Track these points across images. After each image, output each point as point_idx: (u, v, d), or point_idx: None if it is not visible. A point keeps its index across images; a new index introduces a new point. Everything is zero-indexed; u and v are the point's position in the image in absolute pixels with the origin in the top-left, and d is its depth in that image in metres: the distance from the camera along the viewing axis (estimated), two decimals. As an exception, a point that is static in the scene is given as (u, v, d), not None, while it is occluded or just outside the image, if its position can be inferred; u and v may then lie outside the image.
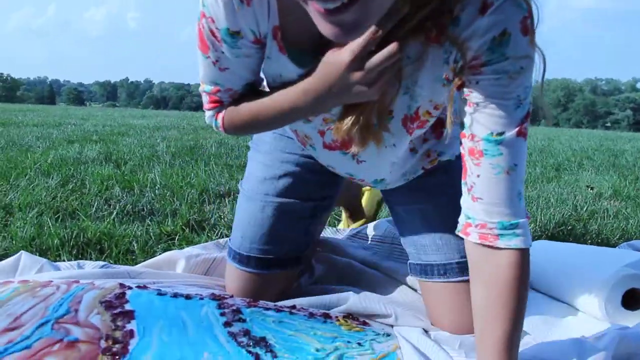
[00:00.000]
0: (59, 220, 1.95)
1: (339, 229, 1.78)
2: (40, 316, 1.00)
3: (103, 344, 0.91)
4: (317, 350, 0.96)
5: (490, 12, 0.77)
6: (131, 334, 0.95)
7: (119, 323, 0.99)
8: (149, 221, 1.99)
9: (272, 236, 1.24)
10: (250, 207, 1.26)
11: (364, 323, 1.10)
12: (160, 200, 2.34)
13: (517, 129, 0.81)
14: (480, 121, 0.82)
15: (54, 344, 0.89)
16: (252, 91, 0.97)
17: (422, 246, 1.15)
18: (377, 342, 1.02)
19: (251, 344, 0.95)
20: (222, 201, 2.40)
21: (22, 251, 1.40)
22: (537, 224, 2.21)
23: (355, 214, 1.90)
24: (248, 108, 0.95)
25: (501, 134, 0.80)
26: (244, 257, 1.25)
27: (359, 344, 1.00)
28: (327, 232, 1.72)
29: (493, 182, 0.83)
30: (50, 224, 1.86)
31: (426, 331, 1.08)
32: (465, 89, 0.83)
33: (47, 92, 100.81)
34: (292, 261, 1.28)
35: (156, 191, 2.52)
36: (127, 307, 1.07)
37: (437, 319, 1.13)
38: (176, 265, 1.42)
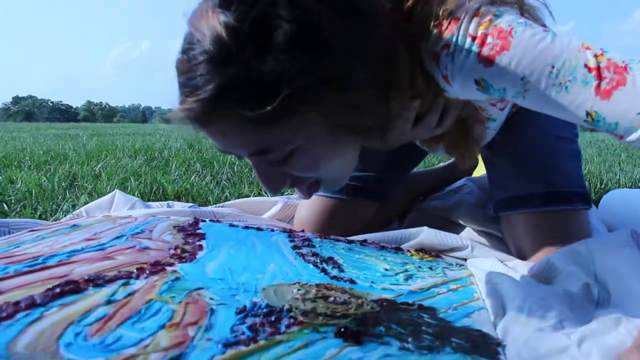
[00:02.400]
0: (141, 182, 2.01)
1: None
2: (116, 233, 1.03)
3: (172, 251, 0.91)
4: (386, 269, 0.93)
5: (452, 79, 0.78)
6: (200, 247, 0.96)
7: (190, 240, 1.00)
8: (225, 182, 2.02)
9: None
10: None
11: (437, 256, 1.06)
12: (238, 174, 2.37)
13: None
14: None
15: (126, 249, 0.91)
16: None
17: (508, 181, 1.11)
18: (449, 269, 0.98)
19: (318, 261, 0.93)
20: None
21: (116, 190, 1.45)
22: None
23: None
24: None
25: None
26: None
27: (430, 268, 0.96)
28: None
29: None
30: (132, 183, 1.92)
31: (502, 262, 1.03)
32: None
33: (140, 117, 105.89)
34: (364, 191, 1.25)
35: (235, 168, 2.56)
36: (199, 231, 1.08)
37: (518, 250, 1.08)
38: (271, 208, 1.42)
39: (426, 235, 1.10)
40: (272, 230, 1.14)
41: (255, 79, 0.63)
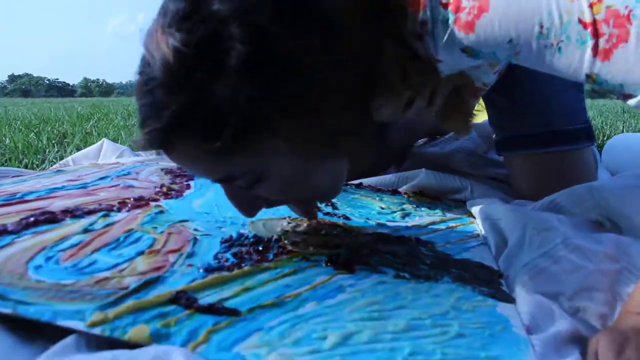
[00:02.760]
0: (133, 135, 1.98)
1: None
2: (101, 174, 0.98)
3: (157, 189, 0.87)
4: (382, 208, 0.89)
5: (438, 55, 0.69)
6: (188, 186, 0.92)
7: (178, 180, 0.96)
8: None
9: None
10: None
11: (436, 198, 1.02)
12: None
13: None
14: None
15: (110, 187, 0.87)
16: None
17: (507, 121, 1.06)
18: (448, 210, 0.94)
19: (312, 200, 0.89)
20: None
21: (104, 138, 1.42)
22: None
23: None
24: None
25: None
26: None
27: (429, 208, 0.92)
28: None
29: None
30: (124, 138, 1.88)
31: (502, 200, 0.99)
32: None
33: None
34: None
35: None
36: (188, 174, 1.03)
37: (518, 191, 1.04)
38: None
39: (424, 176, 1.05)
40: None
41: (205, 106, 0.57)
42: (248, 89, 0.56)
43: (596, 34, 0.57)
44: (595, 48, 0.57)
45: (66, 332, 0.44)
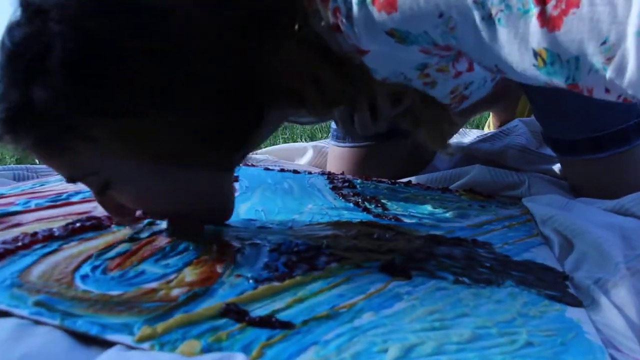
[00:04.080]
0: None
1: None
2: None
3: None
4: (434, 208, 0.85)
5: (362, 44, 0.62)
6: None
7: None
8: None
9: None
10: None
11: (489, 196, 0.98)
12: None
13: None
14: None
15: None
16: None
17: (553, 125, 1.00)
18: (503, 208, 0.90)
19: (360, 201, 0.86)
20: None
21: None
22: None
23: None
24: None
25: None
26: (341, 132, 1.16)
27: (482, 207, 0.88)
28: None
29: None
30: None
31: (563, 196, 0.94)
32: None
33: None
34: (395, 131, 1.14)
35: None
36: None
37: (578, 192, 0.99)
38: (304, 155, 1.36)
39: (478, 172, 1.01)
40: (310, 173, 1.07)
41: (30, 105, 0.55)
42: (64, 89, 0.54)
43: (541, 0, 0.48)
44: (541, 16, 0.48)
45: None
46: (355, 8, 0.57)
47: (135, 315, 0.46)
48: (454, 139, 1.40)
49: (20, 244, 0.58)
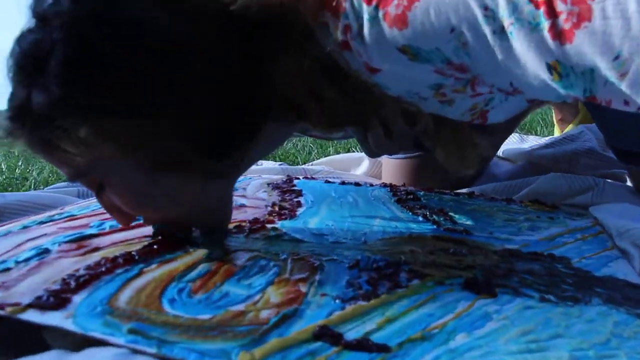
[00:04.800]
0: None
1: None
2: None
3: (269, 209, 0.86)
4: (503, 220, 0.84)
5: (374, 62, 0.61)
6: (299, 204, 0.90)
7: (287, 197, 0.95)
8: (311, 145, 1.97)
9: None
10: None
11: (554, 206, 0.96)
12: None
13: None
14: None
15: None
16: None
17: (615, 134, 0.97)
18: (571, 219, 0.88)
19: (428, 213, 0.85)
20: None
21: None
22: None
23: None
24: None
25: None
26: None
27: (551, 218, 0.86)
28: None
29: None
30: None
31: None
32: None
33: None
34: None
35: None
36: (295, 188, 1.02)
37: None
38: (360, 165, 1.36)
39: (542, 180, 0.99)
40: (371, 185, 1.07)
41: (27, 105, 0.59)
42: (56, 91, 0.57)
43: (552, 13, 0.47)
44: (552, 30, 0.48)
45: None
46: (366, 25, 0.57)
47: (230, 340, 0.46)
48: (511, 146, 1.39)
49: (103, 269, 0.59)
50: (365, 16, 0.56)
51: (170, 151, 0.61)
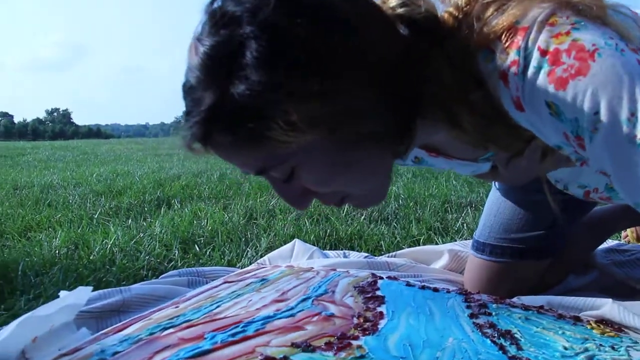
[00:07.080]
0: (314, 222, 2.12)
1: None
2: (302, 293, 1.11)
3: (355, 320, 0.97)
4: (565, 348, 0.92)
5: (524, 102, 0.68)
6: (381, 315, 1.01)
7: (370, 305, 1.06)
8: (395, 224, 2.07)
9: (510, 224, 1.22)
10: (495, 195, 1.26)
11: (619, 330, 1.03)
12: (404, 209, 2.41)
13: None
14: None
15: (314, 316, 0.98)
16: None
17: None
18: (635, 349, 0.95)
19: (496, 335, 0.94)
20: (465, 211, 2.40)
21: (296, 239, 1.56)
22: None
23: None
24: None
25: None
26: (480, 245, 1.25)
27: (613, 347, 0.94)
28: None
29: None
30: (307, 225, 2.03)
31: None
32: None
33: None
34: (531, 253, 1.23)
35: (400, 201, 2.60)
36: (378, 293, 1.14)
37: None
38: (440, 258, 1.46)
39: (610, 308, 1.06)
40: (448, 292, 1.17)
41: (228, 102, 0.63)
42: (261, 80, 0.62)
43: None
44: None
45: None
46: (531, 70, 0.64)
47: None
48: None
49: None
50: (533, 62, 0.64)
51: (372, 130, 0.70)
